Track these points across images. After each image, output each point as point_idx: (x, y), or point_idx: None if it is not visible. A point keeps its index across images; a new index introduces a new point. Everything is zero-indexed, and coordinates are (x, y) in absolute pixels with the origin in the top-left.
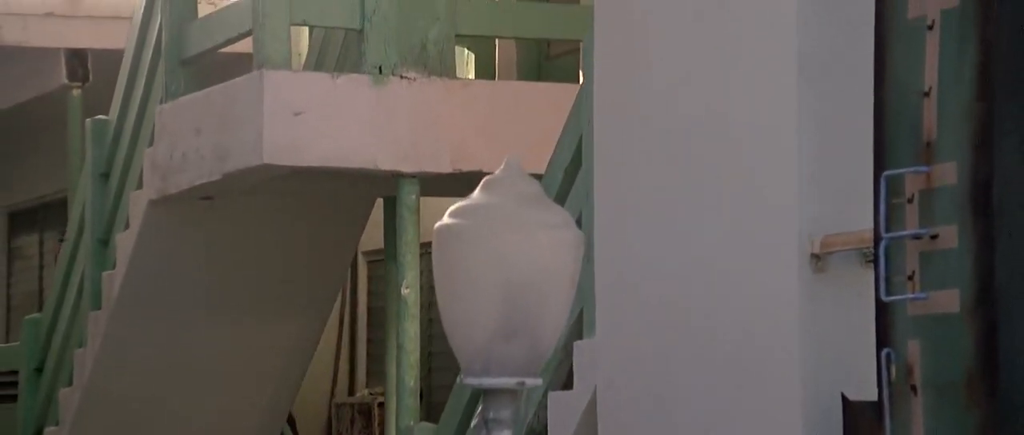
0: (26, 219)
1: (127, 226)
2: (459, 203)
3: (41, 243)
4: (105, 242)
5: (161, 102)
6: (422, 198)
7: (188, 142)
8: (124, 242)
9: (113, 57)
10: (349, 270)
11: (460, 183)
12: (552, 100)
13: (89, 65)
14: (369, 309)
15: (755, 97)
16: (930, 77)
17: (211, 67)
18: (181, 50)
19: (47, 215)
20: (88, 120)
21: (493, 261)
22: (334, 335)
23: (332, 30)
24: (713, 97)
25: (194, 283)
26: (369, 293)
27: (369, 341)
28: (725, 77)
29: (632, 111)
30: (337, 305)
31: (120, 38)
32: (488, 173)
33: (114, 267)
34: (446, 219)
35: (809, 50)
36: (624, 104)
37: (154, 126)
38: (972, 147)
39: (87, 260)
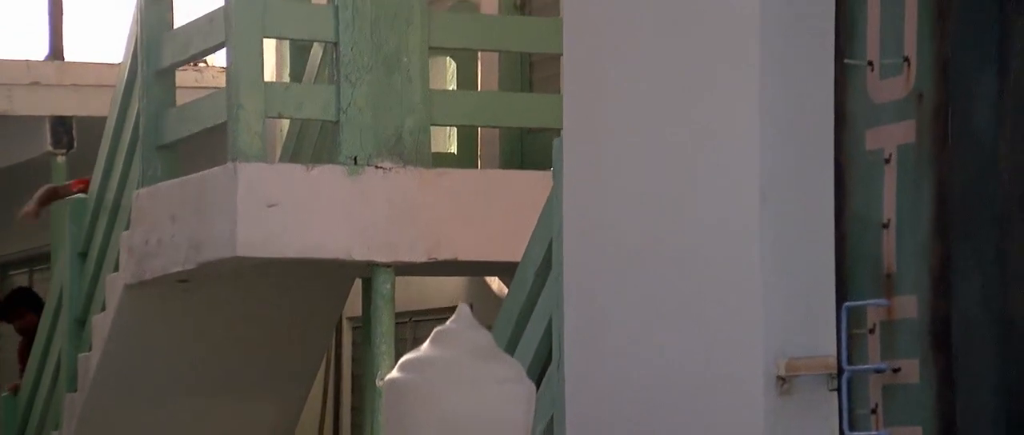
0: (14, 270)
1: (103, 308)
2: (409, 355)
3: (30, 278)
4: (82, 322)
5: (138, 186)
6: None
7: (164, 229)
8: (100, 325)
9: (98, 124)
10: (333, 338)
11: (436, 270)
12: (528, 188)
13: (74, 132)
14: (354, 376)
15: (719, 218)
16: (889, 209)
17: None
18: (158, 136)
19: (32, 268)
20: (67, 199)
21: (442, 421)
22: (318, 404)
23: (308, 121)
24: (678, 218)
25: (171, 364)
26: (353, 360)
27: (354, 409)
28: (690, 199)
29: (600, 223)
30: (321, 373)
31: (105, 106)
32: (464, 262)
33: (90, 349)
34: (396, 373)
35: (771, 174)
36: (592, 215)
37: (131, 210)
38: (931, 283)
39: (63, 340)
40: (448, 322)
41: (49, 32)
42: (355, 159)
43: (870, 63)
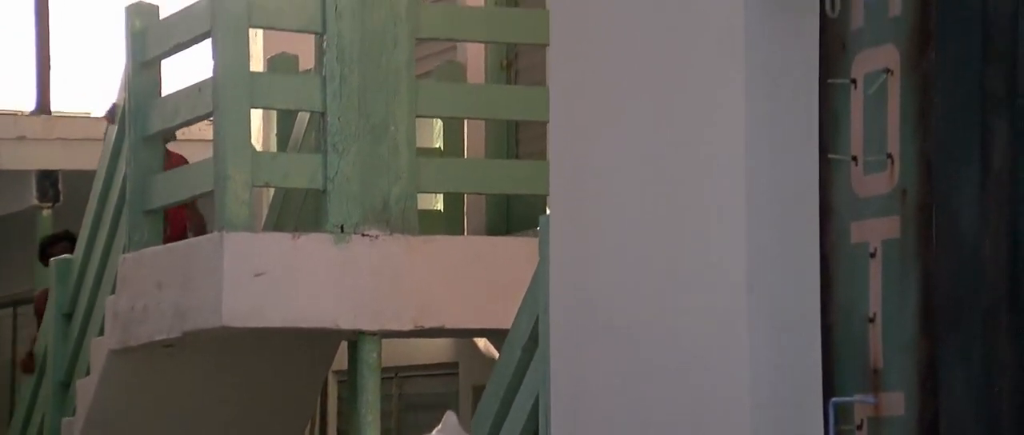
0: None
1: (88, 372)
2: None
3: (15, 317)
4: (66, 385)
5: (124, 251)
6: None
7: (149, 295)
8: (84, 389)
9: (84, 178)
10: (318, 399)
11: (422, 336)
12: (515, 255)
13: (60, 186)
14: (339, 432)
15: (706, 305)
16: (875, 303)
17: None
18: (145, 201)
19: (16, 306)
20: (52, 259)
21: None
22: None
23: (292, 189)
24: (666, 302)
25: (156, 429)
26: (339, 414)
27: None
28: (677, 284)
29: (587, 302)
30: (306, 431)
31: (92, 159)
32: (449, 330)
33: (74, 413)
34: None
35: (758, 263)
36: (579, 294)
37: (117, 274)
38: (918, 379)
39: (48, 404)
40: (434, 432)
41: (36, 86)
42: (342, 227)
43: (854, 158)
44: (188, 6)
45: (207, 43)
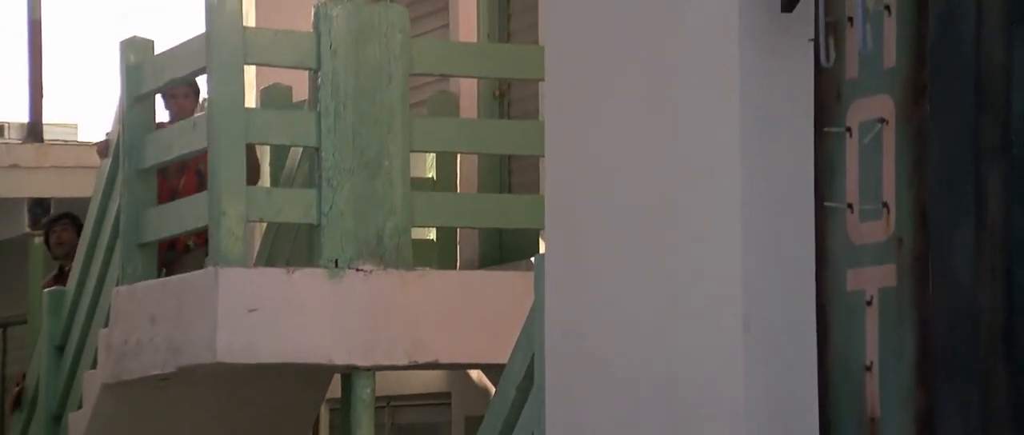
0: None
1: (80, 405)
2: None
3: (4, 341)
4: (58, 418)
5: (118, 283)
6: None
7: (143, 330)
8: (77, 423)
9: (76, 205)
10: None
11: (416, 370)
12: (509, 288)
13: (52, 213)
14: None
15: (701, 349)
16: (871, 352)
17: None
18: (139, 234)
19: (6, 326)
20: (45, 290)
21: None
22: None
23: (284, 224)
24: (661, 343)
25: None
26: None
27: None
28: (671, 328)
29: (583, 341)
30: None
31: (84, 187)
32: (443, 364)
33: None
34: None
35: (754, 303)
36: (575, 333)
37: (110, 307)
38: (915, 430)
39: None
40: None
41: (29, 114)
42: (336, 262)
43: (849, 205)
44: (184, 42)
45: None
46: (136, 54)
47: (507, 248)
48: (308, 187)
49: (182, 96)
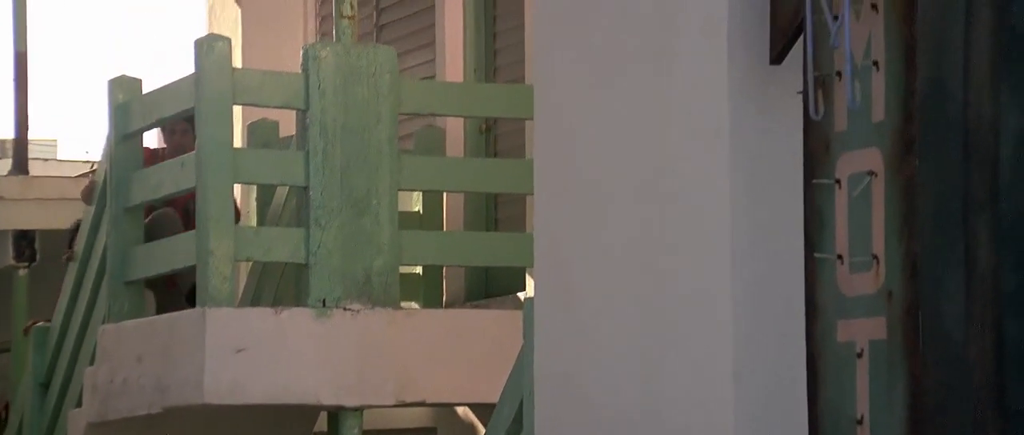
0: None
1: None
2: None
3: None
4: None
5: (104, 321)
6: None
7: (129, 369)
8: None
9: (61, 238)
10: None
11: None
12: (497, 328)
13: (36, 245)
14: None
15: (690, 397)
16: (862, 405)
17: None
18: (125, 272)
19: None
20: (32, 327)
21: None
22: None
23: (271, 263)
24: (650, 391)
25: None
26: None
27: None
28: (661, 378)
29: (572, 390)
30: None
31: (68, 219)
32: (431, 404)
33: None
34: None
35: (744, 361)
36: (564, 382)
37: (96, 345)
38: None
39: None
40: None
41: (13, 147)
42: (324, 301)
43: (839, 257)
44: (173, 82)
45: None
46: (124, 93)
47: (493, 282)
48: (295, 225)
49: (181, 132)
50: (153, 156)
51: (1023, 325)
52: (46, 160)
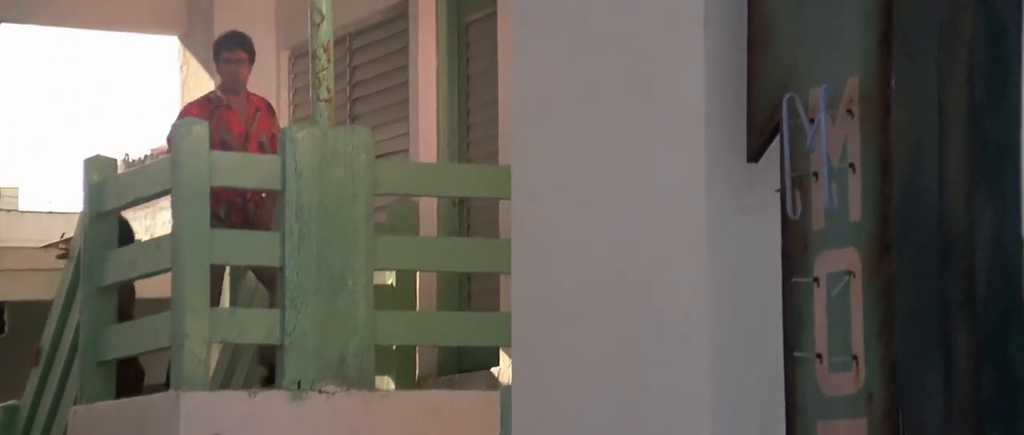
0: None
1: None
2: None
3: None
4: None
5: (75, 402)
6: None
7: None
8: None
9: (30, 308)
10: None
11: None
12: (473, 407)
13: (5, 316)
14: None
15: None
16: None
17: None
18: (98, 352)
19: None
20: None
21: None
22: None
23: (242, 344)
24: None
25: None
26: None
27: None
28: None
29: None
30: None
31: (38, 290)
32: None
33: None
34: None
35: None
36: None
37: (67, 425)
38: None
39: None
40: None
41: None
42: (298, 383)
43: (819, 356)
44: (149, 163)
45: None
46: (99, 172)
47: (467, 358)
48: (268, 305)
49: (237, 61)
50: (207, 104)
51: (1003, 429)
52: (9, 211)
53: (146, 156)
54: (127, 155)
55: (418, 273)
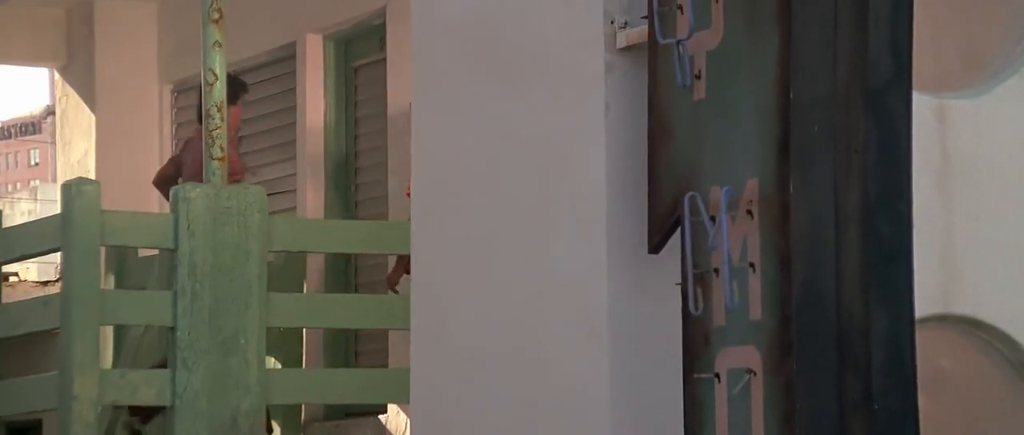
0: None
1: None
2: None
3: None
4: None
5: None
6: None
7: None
8: None
9: None
10: None
11: None
12: None
13: None
14: None
15: None
16: None
17: None
18: None
19: None
20: None
21: None
22: None
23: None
24: None
25: None
26: None
27: None
28: None
29: None
30: None
31: None
32: None
33: None
34: None
35: None
36: None
37: None
38: None
39: None
40: None
41: None
42: None
43: None
44: (39, 220)
45: None
46: None
47: (354, 403)
48: (157, 362)
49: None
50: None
51: None
52: None
53: None
54: None
55: (305, 331)
